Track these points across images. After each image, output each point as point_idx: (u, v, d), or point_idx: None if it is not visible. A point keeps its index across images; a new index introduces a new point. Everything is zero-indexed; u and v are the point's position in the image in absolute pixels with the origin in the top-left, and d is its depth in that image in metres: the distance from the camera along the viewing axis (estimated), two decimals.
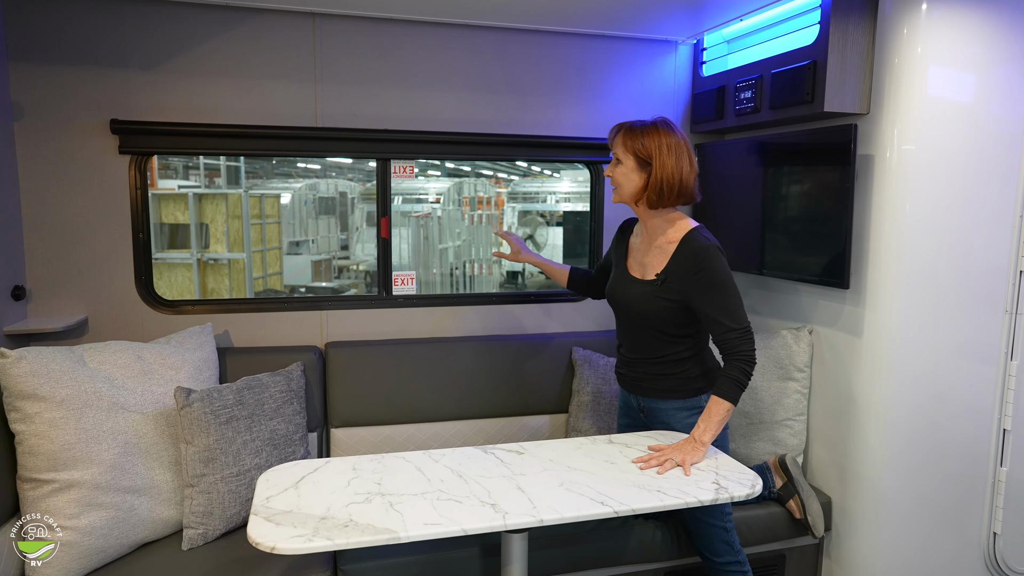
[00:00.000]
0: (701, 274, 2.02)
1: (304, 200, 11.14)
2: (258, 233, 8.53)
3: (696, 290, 2.03)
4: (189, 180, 9.75)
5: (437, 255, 9.33)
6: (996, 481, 2.47)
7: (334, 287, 10.10)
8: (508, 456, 1.99)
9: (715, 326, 2.02)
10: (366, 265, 10.85)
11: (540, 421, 2.88)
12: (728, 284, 2.02)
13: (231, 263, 7.87)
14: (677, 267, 2.06)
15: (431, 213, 9.47)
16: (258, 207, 8.62)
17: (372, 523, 1.59)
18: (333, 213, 11.75)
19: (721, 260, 2.03)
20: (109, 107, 2.46)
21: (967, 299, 2.37)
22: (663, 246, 2.12)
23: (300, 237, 10.82)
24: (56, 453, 1.95)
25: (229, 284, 7.87)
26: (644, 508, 1.72)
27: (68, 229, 2.48)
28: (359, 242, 11.25)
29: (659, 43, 3.02)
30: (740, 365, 1.99)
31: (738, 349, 2.00)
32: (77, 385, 2.01)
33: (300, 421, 2.40)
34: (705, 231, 2.11)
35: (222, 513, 2.14)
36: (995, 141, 2.31)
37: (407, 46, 2.73)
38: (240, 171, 9.68)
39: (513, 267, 10.38)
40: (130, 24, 2.45)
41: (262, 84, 2.61)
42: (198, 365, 2.34)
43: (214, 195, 7.94)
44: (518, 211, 11.17)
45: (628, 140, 2.08)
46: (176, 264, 7.23)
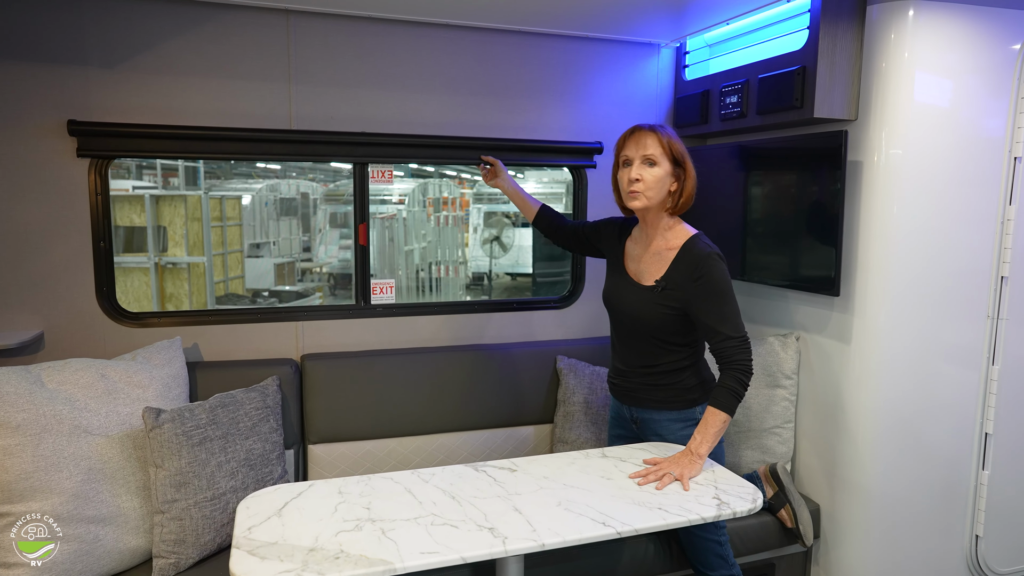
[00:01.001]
0: (701, 281, 1.97)
1: (264, 201, 10.86)
2: (219, 236, 8.28)
3: (695, 297, 1.99)
4: (143, 180, 9.40)
5: (403, 257, 9.19)
6: (978, 484, 2.49)
7: (298, 290, 9.87)
8: (501, 474, 1.91)
9: (712, 335, 1.98)
10: (329, 268, 10.64)
11: (525, 432, 2.80)
12: (728, 292, 1.98)
13: (191, 267, 7.61)
14: (677, 274, 2.01)
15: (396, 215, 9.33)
16: (218, 209, 8.36)
17: (364, 554, 1.50)
18: (295, 215, 11.50)
19: (722, 268, 1.99)
20: (66, 107, 2.30)
21: (951, 304, 2.38)
22: (663, 253, 2.07)
23: (261, 239, 10.55)
24: (11, 484, 1.80)
25: (189, 289, 7.62)
26: (647, 528, 1.66)
27: (21, 238, 2.31)
28: (322, 244, 11.03)
29: (642, 46, 2.98)
30: (736, 375, 1.95)
31: (735, 359, 1.96)
32: (35, 408, 1.87)
33: (277, 439, 2.28)
34: (705, 238, 2.07)
35: (195, 540, 2.01)
36: (978, 147, 2.33)
37: (386, 46, 2.63)
38: (199, 172, 9.38)
39: (479, 269, 10.28)
40: (89, 18, 2.30)
41: (233, 84, 2.48)
42: (167, 382, 2.20)
43: (172, 197, 7.67)
44: (484, 212, 11.08)
45: (666, 141, 1.99)
46: (132, 268, 6.96)
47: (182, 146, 2.46)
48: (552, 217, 2.45)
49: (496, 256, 9.79)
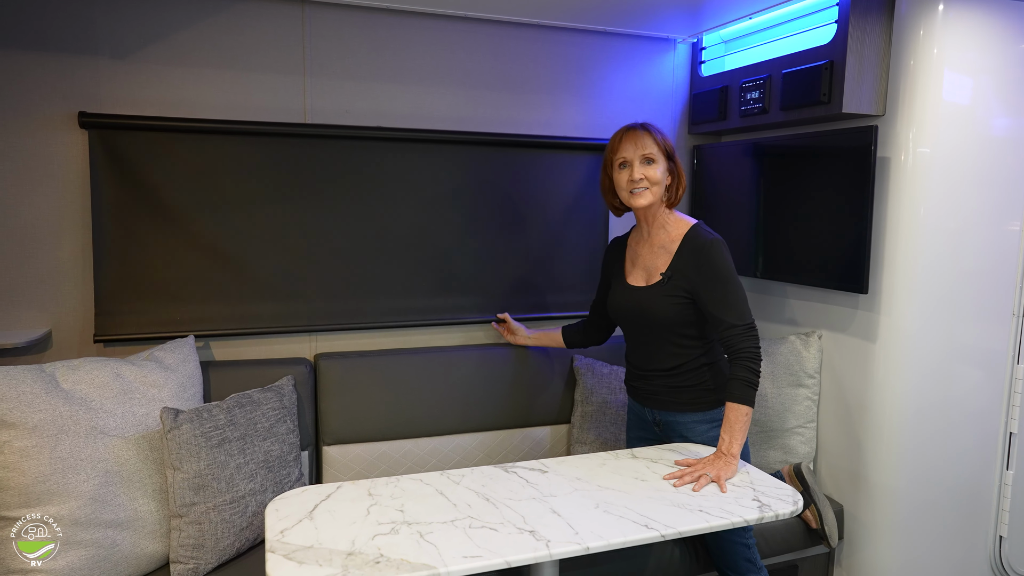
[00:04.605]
0: (704, 267, 1.99)
1: None
2: None
3: (700, 284, 2.00)
4: None
5: None
6: (1003, 485, 2.48)
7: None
8: (532, 475, 1.87)
9: (718, 323, 1.99)
10: None
11: (541, 433, 2.75)
12: (731, 278, 2.00)
13: None
14: (682, 263, 2.04)
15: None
16: None
17: (406, 558, 1.44)
18: None
19: (725, 254, 2.01)
20: (76, 98, 2.22)
21: (976, 303, 2.37)
22: (666, 245, 2.10)
23: None
24: (29, 487, 1.72)
25: None
26: (691, 530, 1.62)
27: (30, 233, 2.23)
28: None
29: (658, 41, 2.94)
30: (746, 363, 1.94)
31: (742, 346, 1.95)
32: (51, 409, 1.79)
33: (294, 440, 2.22)
34: (706, 226, 2.10)
35: (214, 545, 1.94)
36: (1006, 146, 2.31)
37: (402, 39, 2.58)
38: None
39: None
40: (100, 7, 2.22)
41: (246, 77, 2.41)
42: (182, 382, 2.13)
43: None
44: None
45: (659, 138, 2.08)
46: None
47: (194, 140, 2.38)
48: (576, 328, 2.56)
49: None
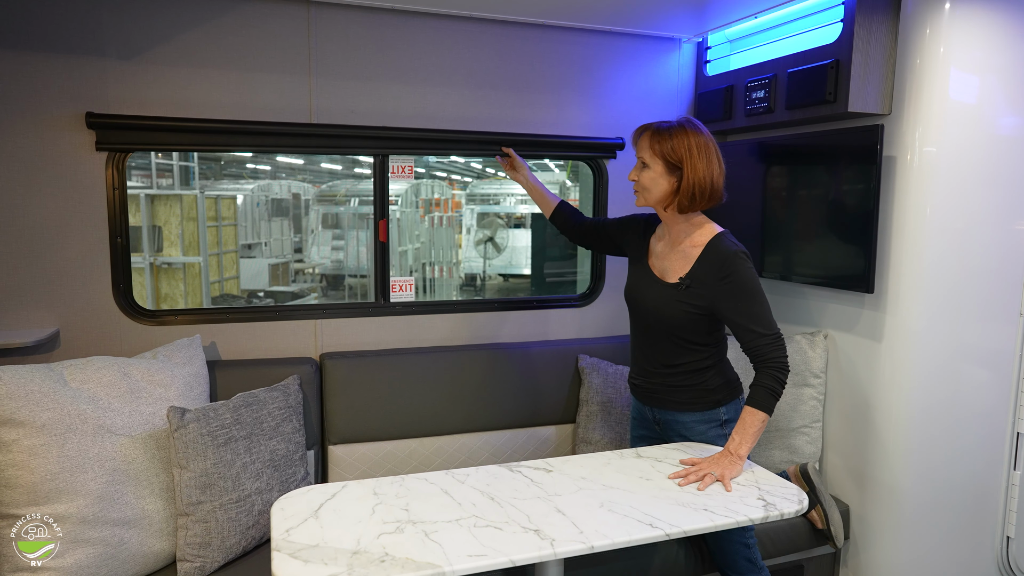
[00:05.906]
0: (727, 280, 1.94)
1: (256, 202, 10.75)
2: (214, 236, 8.17)
3: (723, 297, 1.95)
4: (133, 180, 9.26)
5: (396, 257, 9.12)
6: (1009, 485, 2.47)
7: (294, 291, 9.77)
8: (537, 475, 1.87)
9: (745, 333, 1.94)
10: (321, 268, 10.56)
11: (546, 432, 2.76)
12: (756, 290, 1.95)
13: (186, 267, 7.50)
14: (702, 272, 1.98)
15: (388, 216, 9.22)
16: (214, 209, 8.25)
17: (411, 557, 1.45)
18: (286, 215, 11.40)
19: (748, 266, 1.96)
20: (83, 99, 2.23)
21: (983, 302, 2.36)
22: (687, 250, 2.03)
23: (252, 240, 10.45)
24: (37, 485, 1.74)
25: (184, 289, 7.51)
26: (695, 529, 1.62)
27: (37, 233, 2.24)
28: (314, 244, 10.93)
29: (663, 40, 2.94)
30: (773, 373, 1.91)
31: (770, 356, 1.92)
32: (59, 407, 1.80)
33: (300, 439, 2.23)
34: (731, 236, 2.04)
35: (221, 543, 1.95)
36: (1012, 146, 2.30)
37: (407, 39, 2.58)
38: (192, 171, 9.25)
39: (471, 270, 10.22)
40: (107, 8, 2.23)
41: (252, 77, 2.42)
42: (188, 381, 2.14)
43: (168, 196, 7.55)
44: (476, 213, 11.00)
45: (656, 143, 1.97)
46: None
47: (202, 139, 2.40)
48: (570, 214, 2.41)
49: (490, 257, 9.74)
